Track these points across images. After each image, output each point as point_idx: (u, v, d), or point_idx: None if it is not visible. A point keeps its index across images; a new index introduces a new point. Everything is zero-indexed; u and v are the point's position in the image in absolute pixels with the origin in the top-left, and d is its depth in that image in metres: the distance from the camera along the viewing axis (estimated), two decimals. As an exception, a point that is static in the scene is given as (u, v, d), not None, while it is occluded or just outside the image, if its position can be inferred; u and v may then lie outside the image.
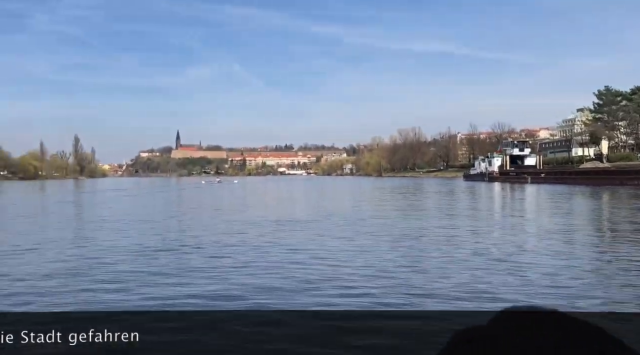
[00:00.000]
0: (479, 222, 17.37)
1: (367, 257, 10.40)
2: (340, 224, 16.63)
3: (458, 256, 10.46)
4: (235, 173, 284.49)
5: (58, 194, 50.09)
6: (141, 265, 9.97)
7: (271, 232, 14.89)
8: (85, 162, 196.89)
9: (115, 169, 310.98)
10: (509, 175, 67.72)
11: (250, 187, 72.22)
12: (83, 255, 11.32)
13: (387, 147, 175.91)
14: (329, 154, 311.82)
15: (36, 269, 9.55)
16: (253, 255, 10.90)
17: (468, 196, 35.70)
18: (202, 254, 11.21)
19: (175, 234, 15.07)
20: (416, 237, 13.46)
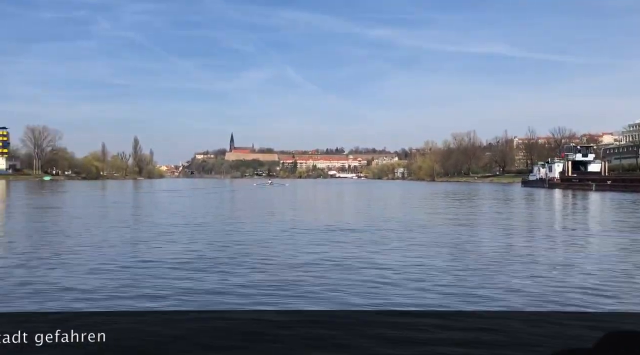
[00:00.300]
0: (544, 234, 16.36)
1: (422, 268, 9.82)
2: (395, 232, 16.05)
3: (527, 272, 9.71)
4: (286, 175, 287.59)
5: (119, 193, 51.79)
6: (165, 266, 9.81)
7: (322, 241, 14.50)
8: (143, 163, 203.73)
9: (171, 170, 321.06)
10: (571, 181, 64.52)
11: (301, 190, 72.41)
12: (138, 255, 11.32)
13: (440, 151, 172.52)
14: (380, 158, 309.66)
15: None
16: (296, 264, 10.53)
17: (528, 204, 34.02)
18: (246, 263, 10.95)
19: (221, 240, 14.92)
20: (478, 250, 12.71)
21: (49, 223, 19.01)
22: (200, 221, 19.70)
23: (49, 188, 64.37)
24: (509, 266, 10.12)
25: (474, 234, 15.60)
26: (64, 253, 11.60)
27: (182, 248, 12.49)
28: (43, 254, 11.38)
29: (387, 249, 12.41)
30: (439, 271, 9.52)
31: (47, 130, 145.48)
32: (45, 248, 12.43)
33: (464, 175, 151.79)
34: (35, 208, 28.16)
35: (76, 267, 9.88)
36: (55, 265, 10.09)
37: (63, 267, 9.97)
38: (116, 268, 9.83)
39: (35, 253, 11.55)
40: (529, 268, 9.96)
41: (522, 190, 63.36)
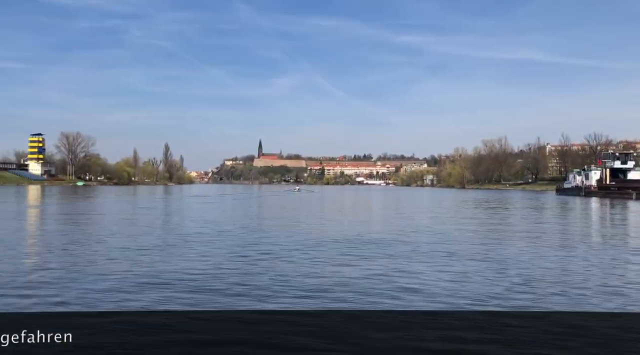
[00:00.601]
0: (589, 249, 15.48)
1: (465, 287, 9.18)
2: (428, 245, 15.41)
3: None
4: (313, 182, 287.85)
5: (148, 199, 52.23)
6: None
7: (353, 254, 13.98)
8: (174, 169, 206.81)
9: (201, 176, 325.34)
10: (609, 190, 61.82)
11: (329, 196, 71.94)
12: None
13: (470, 158, 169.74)
14: (408, 164, 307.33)
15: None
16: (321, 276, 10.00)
17: (565, 213, 32.67)
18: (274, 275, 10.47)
19: (241, 250, 14.52)
20: (519, 267, 11.99)
21: (66, 227, 18.99)
22: (225, 228, 19.38)
23: (81, 194, 65.45)
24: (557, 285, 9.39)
25: (515, 248, 14.83)
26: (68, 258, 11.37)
27: (197, 256, 12.13)
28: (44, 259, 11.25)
29: (425, 264, 11.77)
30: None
31: (80, 136, 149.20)
32: (53, 252, 12.31)
33: (495, 182, 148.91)
34: (58, 214, 28.40)
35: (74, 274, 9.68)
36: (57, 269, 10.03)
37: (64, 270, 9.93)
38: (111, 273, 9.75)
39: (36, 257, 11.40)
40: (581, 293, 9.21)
41: (556, 198, 61.26)
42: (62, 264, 10.82)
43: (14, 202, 41.36)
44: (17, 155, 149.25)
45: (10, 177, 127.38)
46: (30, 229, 19.76)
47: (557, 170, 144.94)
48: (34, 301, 7.36)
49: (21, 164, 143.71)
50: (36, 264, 10.92)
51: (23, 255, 12.24)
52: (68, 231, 18.07)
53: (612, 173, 66.67)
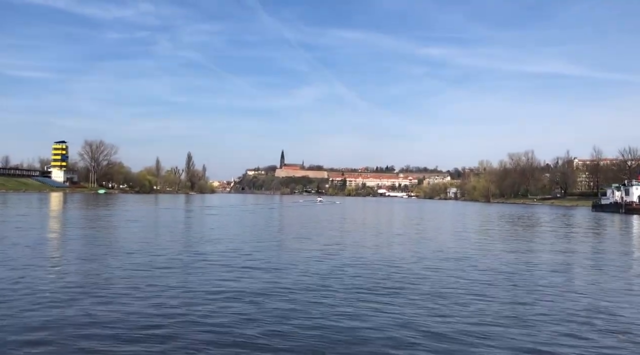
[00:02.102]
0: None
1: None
2: (456, 269, 13.47)
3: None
4: (335, 193, 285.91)
5: (167, 211, 51.06)
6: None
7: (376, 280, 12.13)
8: (196, 179, 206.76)
9: (223, 186, 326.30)
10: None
11: (351, 208, 69.87)
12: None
13: (495, 171, 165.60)
14: (431, 177, 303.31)
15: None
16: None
17: (611, 234, 29.98)
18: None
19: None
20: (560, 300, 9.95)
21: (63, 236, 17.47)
22: (240, 247, 17.61)
23: (100, 202, 64.70)
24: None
25: (567, 278, 12.76)
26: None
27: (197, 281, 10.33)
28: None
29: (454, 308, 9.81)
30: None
31: (103, 144, 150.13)
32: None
33: (521, 196, 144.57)
34: (67, 224, 27.07)
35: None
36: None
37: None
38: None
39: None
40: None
41: (593, 215, 57.68)
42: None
43: (25, 211, 40.38)
44: (41, 162, 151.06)
45: (33, 184, 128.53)
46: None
47: (586, 185, 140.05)
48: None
49: (44, 171, 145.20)
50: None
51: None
52: (65, 250, 16.53)
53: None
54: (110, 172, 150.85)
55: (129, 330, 7.08)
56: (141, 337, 6.79)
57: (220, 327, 7.34)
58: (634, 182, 67.31)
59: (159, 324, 7.43)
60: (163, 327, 7.24)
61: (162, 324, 7.41)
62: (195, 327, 7.28)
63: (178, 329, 7.18)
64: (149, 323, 7.44)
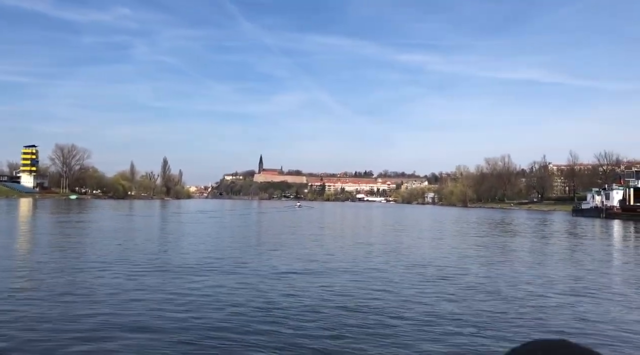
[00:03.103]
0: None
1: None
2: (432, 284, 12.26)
3: None
4: (314, 198, 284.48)
5: (135, 217, 49.09)
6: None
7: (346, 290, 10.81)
8: (172, 184, 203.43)
9: (200, 191, 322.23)
10: (635, 212, 55.86)
11: (329, 213, 68.58)
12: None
13: (472, 176, 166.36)
14: (409, 182, 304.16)
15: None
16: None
17: (597, 241, 29.10)
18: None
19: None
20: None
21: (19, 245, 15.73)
22: (213, 257, 16.09)
23: (68, 208, 62.23)
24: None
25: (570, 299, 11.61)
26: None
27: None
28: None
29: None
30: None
31: (75, 148, 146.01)
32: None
33: (498, 201, 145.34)
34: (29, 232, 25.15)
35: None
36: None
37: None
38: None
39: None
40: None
41: (574, 220, 56.65)
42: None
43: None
44: (10, 167, 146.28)
45: (1, 189, 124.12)
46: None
47: (562, 189, 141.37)
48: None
49: (13, 176, 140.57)
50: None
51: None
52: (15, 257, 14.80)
53: (635, 193, 60.77)
54: (83, 177, 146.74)
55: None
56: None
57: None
58: (614, 186, 66.08)
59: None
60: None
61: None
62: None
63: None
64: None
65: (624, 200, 61.43)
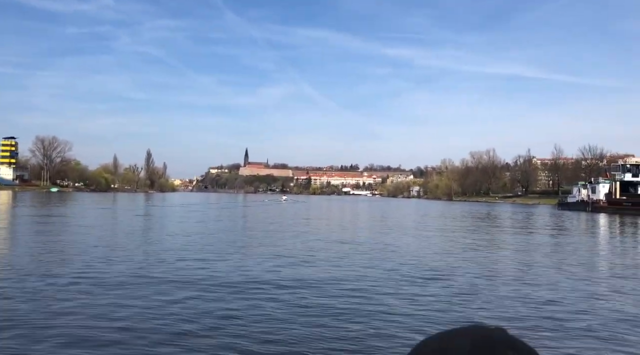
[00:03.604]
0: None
1: None
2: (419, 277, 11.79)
3: None
4: (299, 191, 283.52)
5: (115, 210, 48.05)
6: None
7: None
8: (156, 177, 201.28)
9: (185, 184, 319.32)
10: (622, 206, 55.36)
11: (315, 208, 68.06)
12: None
13: (458, 169, 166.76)
14: (395, 176, 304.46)
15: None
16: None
17: (584, 235, 28.84)
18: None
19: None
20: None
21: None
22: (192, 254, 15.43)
23: (46, 201, 60.85)
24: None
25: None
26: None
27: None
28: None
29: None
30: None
31: (56, 140, 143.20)
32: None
33: (483, 195, 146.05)
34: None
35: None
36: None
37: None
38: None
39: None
40: None
41: (559, 213, 56.23)
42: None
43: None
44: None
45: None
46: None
47: (546, 183, 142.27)
48: None
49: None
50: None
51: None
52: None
53: (622, 187, 60.13)
54: (64, 170, 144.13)
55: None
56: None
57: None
58: (600, 179, 65.80)
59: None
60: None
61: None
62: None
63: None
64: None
65: (610, 194, 60.97)
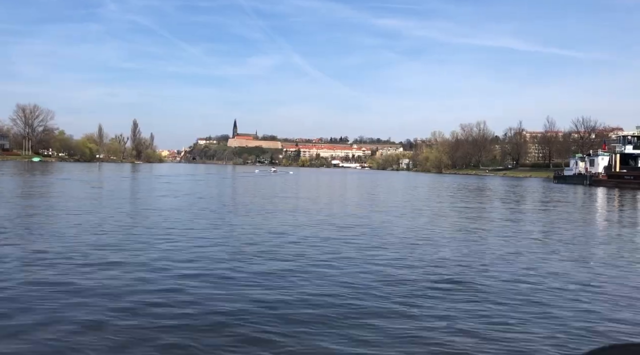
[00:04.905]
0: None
1: None
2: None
3: None
4: (289, 163, 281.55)
5: (93, 179, 46.17)
6: None
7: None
8: (142, 147, 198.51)
9: (173, 155, 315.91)
10: (622, 179, 53.56)
11: (305, 180, 66.59)
12: None
13: (448, 142, 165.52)
14: (384, 148, 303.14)
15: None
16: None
17: (585, 211, 27.47)
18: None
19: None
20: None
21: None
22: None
23: (19, 170, 58.69)
24: None
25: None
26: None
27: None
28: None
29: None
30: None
31: (38, 109, 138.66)
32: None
33: (473, 167, 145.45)
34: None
35: None
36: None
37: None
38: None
39: None
40: None
41: (556, 187, 54.11)
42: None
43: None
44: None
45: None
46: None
47: (536, 156, 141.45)
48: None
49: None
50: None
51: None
52: None
53: (622, 159, 57.96)
54: (47, 139, 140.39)
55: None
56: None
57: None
58: (599, 152, 63.48)
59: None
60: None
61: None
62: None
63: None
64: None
65: (609, 167, 59.04)
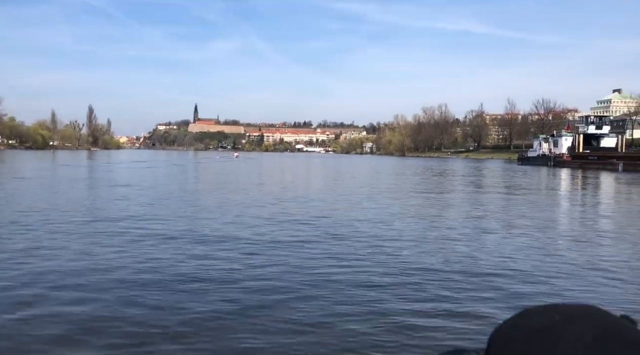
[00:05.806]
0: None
1: None
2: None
3: None
4: (252, 148, 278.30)
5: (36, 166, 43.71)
6: None
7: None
8: (99, 133, 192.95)
9: (132, 141, 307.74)
10: (586, 159, 53.10)
11: (267, 164, 65.19)
12: None
13: (410, 125, 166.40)
14: (348, 132, 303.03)
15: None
16: None
17: (554, 194, 27.06)
18: None
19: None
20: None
21: None
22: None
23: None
24: None
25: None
26: None
27: None
28: None
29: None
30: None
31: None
32: None
33: (435, 150, 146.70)
34: None
35: None
36: None
37: None
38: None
39: None
40: None
41: (520, 169, 53.32)
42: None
43: None
44: None
45: None
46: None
47: (496, 138, 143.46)
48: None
49: None
50: None
51: None
52: None
53: (585, 140, 58.09)
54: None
55: None
56: None
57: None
58: (563, 132, 63.03)
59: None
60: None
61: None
62: None
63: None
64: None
65: (573, 148, 58.88)
